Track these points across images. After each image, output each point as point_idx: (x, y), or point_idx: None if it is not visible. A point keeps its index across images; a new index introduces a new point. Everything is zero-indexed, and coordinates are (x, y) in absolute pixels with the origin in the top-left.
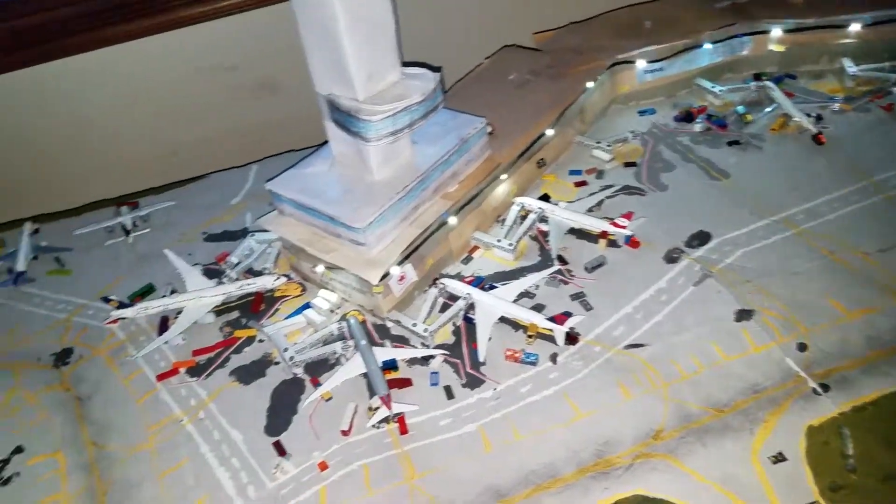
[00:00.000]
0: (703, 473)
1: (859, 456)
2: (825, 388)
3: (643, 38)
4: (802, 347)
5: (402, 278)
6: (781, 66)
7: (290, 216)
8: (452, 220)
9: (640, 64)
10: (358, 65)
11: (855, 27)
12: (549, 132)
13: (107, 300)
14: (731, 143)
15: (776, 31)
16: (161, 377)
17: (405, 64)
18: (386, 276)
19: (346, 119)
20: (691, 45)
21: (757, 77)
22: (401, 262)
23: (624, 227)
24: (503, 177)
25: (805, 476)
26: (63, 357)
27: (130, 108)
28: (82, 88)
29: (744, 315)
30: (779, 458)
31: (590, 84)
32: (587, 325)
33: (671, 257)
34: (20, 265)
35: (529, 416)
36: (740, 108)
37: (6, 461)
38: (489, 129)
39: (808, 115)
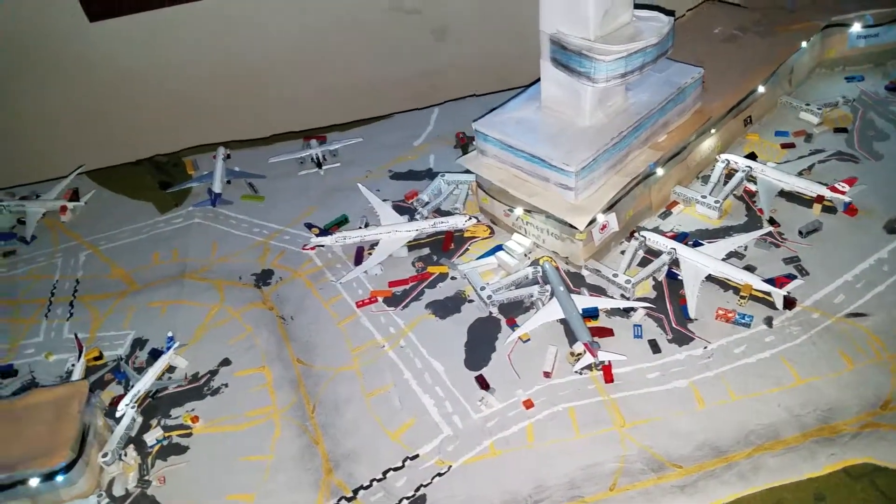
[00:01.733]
0: None
1: None
2: None
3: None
4: None
5: (604, 227)
6: None
7: (492, 157)
8: (659, 172)
9: (855, 28)
10: (597, 1)
11: None
12: (761, 89)
13: (309, 226)
14: None
15: None
16: (360, 304)
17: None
18: (592, 222)
19: (571, 59)
20: None
21: None
22: (605, 211)
23: (843, 193)
24: (712, 131)
25: None
26: (264, 278)
27: (316, 44)
28: (271, 21)
29: None
30: None
31: (804, 44)
32: (804, 290)
33: (893, 228)
34: (216, 186)
35: (745, 378)
36: None
37: (214, 372)
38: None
39: None
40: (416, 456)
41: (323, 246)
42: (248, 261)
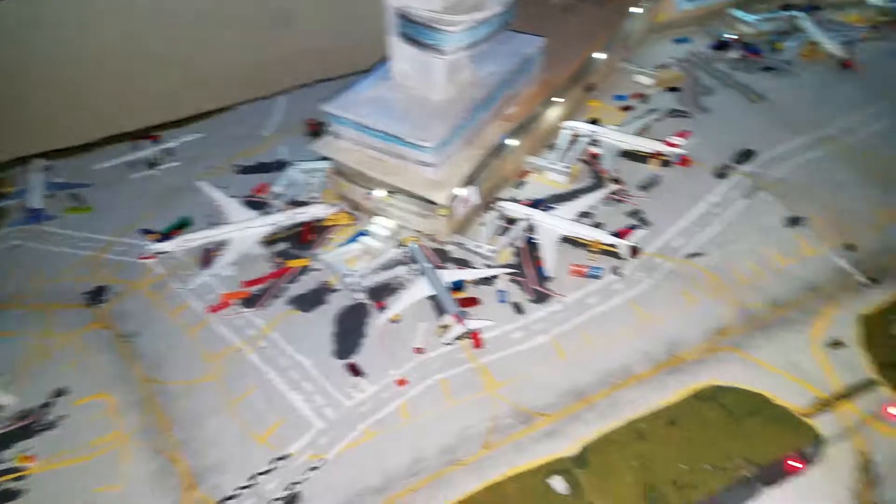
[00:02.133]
0: (768, 361)
1: None
2: (874, 281)
3: None
4: (851, 248)
5: (466, 200)
6: None
7: (347, 140)
8: (512, 143)
9: None
10: None
11: None
12: (600, 56)
13: (146, 233)
14: (765, 69)
15: None
16: (214, 309)
17: None
18: (452, 197)
19: (419, 32)
20: None
21: (785, 8)
22: (465, 184)
23: (677, 146)
24: (558, 99)
25: (861, 358)
26: (97, 295)
27: (145, 38)
28: (92, 16)
29: (794, 222)
30: (837, 344)
31: (635, 9)
32: (647, 239)
33: (721, 173)
34: (35, 202)
35: (599, 325)
36: (772, 37)
37: (48, 405)
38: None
39: (835, 42)
40: (288, 455)
41: (164, 253)
42: (77, 279)
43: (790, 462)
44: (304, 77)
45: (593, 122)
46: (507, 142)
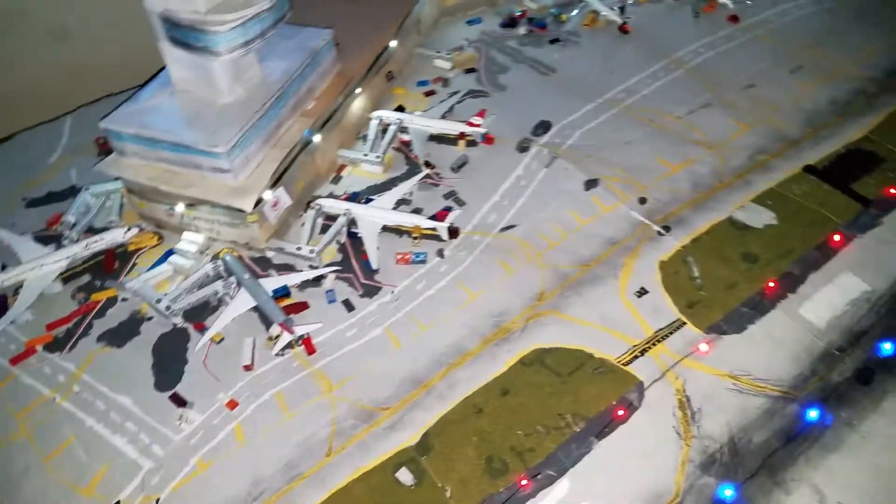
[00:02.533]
0: (584, 318)
1: (704, 276)
2: (667, 229)
3: None
4: (643, 201)
5: (275, 203)
6: None
7: (133, 156)
8: (317, 138)
9: None
10: None
11: None
12: (393, 44)
13: None
14: (552, 42)
15: None
16: (15, 360)
17: None
18: (259, 202)
19: (187, 35)
20: None
21: None
22: (272, 187)
23: (479, 126)
24: (358, 90)
25: (666, 301)
26: None
27: None
28: None
29: (591, 184)
30: (642, 292)
31: None
32: (464, 218)
33: (522, 147)
34: None
35: (430, 309)
36: (554, 10)
37: None
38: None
39: (612, 9)
40: (118, 503)
41: None
42: None
43: (617, 412)
44: (90, 94)
45: (400, 109)
46: (313, 138)
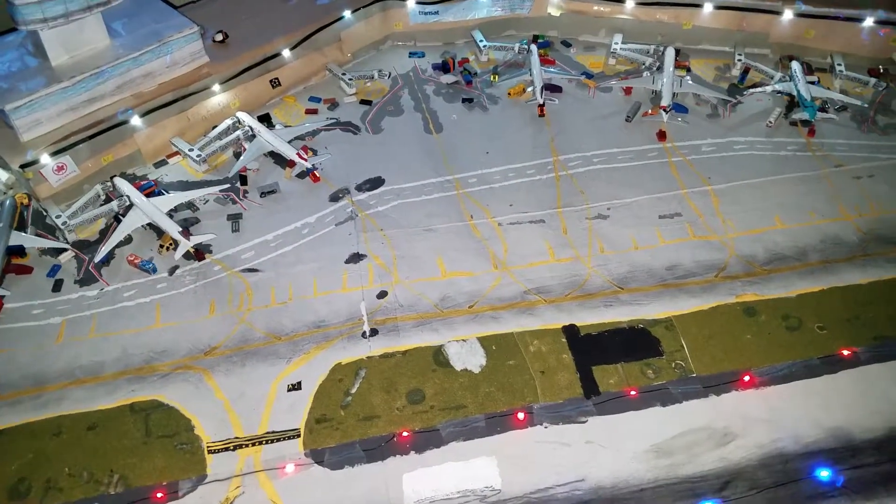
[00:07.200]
0: (223, 389)
1: (358, 396)
2: (374, 333)
3: None
4: (382, 295)
5: (60, 168)
6: (563, 32)
7: None
8: (137, 120)
9: (412, 4)
10: None
11: (630, 3)
12: (286, 53)
13: None
14: (465, 100)
15: None
16: None
17: None
18: (34, 163)
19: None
20: None
21: (535, 39)
22: (59, 152)
23: (305, 160)
24: (217, 87)
25: (305, 406)
26: None
27: None
28: None
29: (354, 258)
30: (295, 387)
31: (347, 13)
32: (224, 244)
33: (336, 196)
34: None
35: (114, 319)
36: (497, 68)
37: None
38: (219, 37)
39: (542, 91)
40: None
41: None
42: None
43: (156, 493)
44: None
45: (266, 118)
46: (131, 119)
